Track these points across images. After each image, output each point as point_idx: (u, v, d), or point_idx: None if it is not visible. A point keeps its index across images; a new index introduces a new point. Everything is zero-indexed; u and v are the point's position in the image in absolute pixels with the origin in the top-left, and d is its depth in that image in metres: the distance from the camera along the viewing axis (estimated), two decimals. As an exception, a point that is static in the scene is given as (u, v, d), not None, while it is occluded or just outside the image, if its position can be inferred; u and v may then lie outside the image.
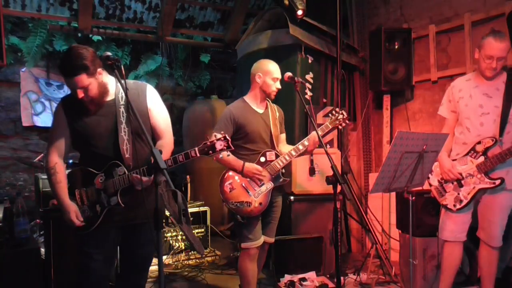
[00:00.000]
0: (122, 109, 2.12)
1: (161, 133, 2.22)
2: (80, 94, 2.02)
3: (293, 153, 2.76)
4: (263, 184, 2.74)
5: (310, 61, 4.26)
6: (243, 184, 2.73)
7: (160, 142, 2.21)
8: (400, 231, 3.55)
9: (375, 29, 4.43)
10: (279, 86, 2.86)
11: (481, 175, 2.70)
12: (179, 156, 2.04)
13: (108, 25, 5.07)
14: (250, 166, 2.71)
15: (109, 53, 1.97)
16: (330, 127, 2.79)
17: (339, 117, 2.77)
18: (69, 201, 2.10)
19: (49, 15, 4.77)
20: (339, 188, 2.23)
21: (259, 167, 2.73)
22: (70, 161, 3.04)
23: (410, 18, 4.35)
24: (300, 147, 2.75)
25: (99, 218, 2.11)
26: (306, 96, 4.11)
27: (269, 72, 2.83)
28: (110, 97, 2.14)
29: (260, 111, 2.88)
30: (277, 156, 2.80)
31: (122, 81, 1.90)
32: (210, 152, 2.05)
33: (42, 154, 2.17)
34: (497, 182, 2.66)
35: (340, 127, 2.81)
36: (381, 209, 4.32)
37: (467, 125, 2.79)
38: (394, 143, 2.30)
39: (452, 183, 2.81)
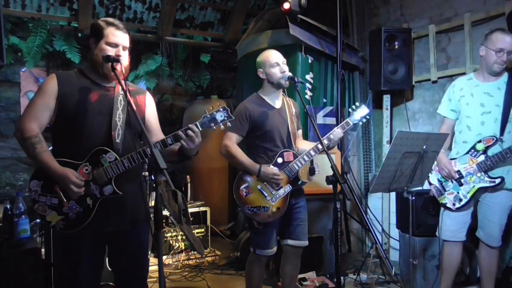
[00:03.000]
0: (120, 97, 2.05)
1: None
2: (118, 52, 1.97)
3: (312, 153, 2.58)
4: (280, 187, 2.58)
5: (310, 61, 4.26)
6: (260, 187, 2.57)
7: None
8: (400, 231, 3.55)
9: (375, 29, 4.43)
10: (285, 68, 2.64)
11: (481, 174, 2.70)
12: (179, 132, 1.95)
13: (108, 25, 5.07)
14: (267, 169, 2.54)
15: (109, 53, 1.97)
16: (351, 123, 2.65)
17: (360, 112, 2.65)
18: (62, 167, 1.87)
19: (49, 15, 4.77)
20: (339, 188, 2.22)
21: (276, 170, 2.55)
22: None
23: (410, 18, 4.35)
24: (320, 146, 2.54)
25: (93, 211, 1.93)
26: (306, 96, 4.11)
27: (266, 61, 2.66)
28: (111, 84, 2.08)
29: (277, 106, 2.71)
30: (295, 156, 2.63)
31: (122, 81, 1.89)
32: (212, 124, 1.97)
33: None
34: (497, 181, 2.66)
35: (361, 122, 2.68)
36: (381, 209, 4.32)
37: (467, 123, 2.79)
38: (394, 143, 2.30)
39: (452, 182, 2.81)
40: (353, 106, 2.68)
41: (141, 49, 5.78)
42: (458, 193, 2.77)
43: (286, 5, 3.86)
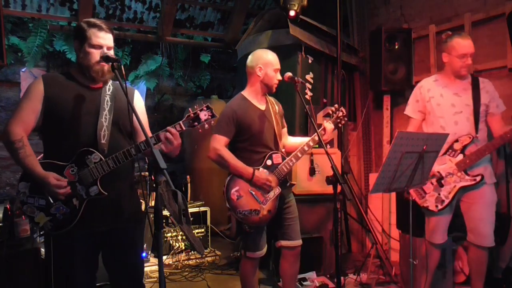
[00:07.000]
0: (107, 98, 2.06)
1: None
2: (104, 52, 1.99)
3: (299, 155, 2.63)
4: (271, 189, 2.59)
5: (310, 61, 4.26)
6: (251, 191, 2.56)
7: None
8: (400, 231, 3.55)
9: (375, 29, 4.43)
10: (280, 78, 2.69)
11: (461, 173, 2.71)
12: (161, 134, 1.96)
13: (108, 25, 5.07)
14: (261, 174, 2.55)
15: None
16: (333, 126, 2.72)
17: (339, 115, 2.72)
18: (44, 171, 1.89)
19: (49, 15, 4.77)
20: (339, 188, 2.22)
21: (268, 176, 2.58)
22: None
23: (410, 18, 4.35)
24: (306, 148, 2.62)
25: (79, 212, 1.93)
26: (306, 96, 4.11)
27: (270, 63, 2.66)
28: (98, 85, 2.08)
29: (262, 107, 2.71)
30: (283, 158, 2.66)
31: (123, 82, 1.88)
32: (196, 123, 1.99)
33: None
34: (478, 178, 2.69)
35: (340, 125, 2.74)
36: (381, 209, 4.31)
37: (441, 124, 2.82)
38: (394, 143, 2.30)
39: (432, 184, 2.79)
40: (333, 108, 2.75)
41: (141, 49, 5.78)
42: (439, 194, 2.76)
43: (292, 13, 3.89)
